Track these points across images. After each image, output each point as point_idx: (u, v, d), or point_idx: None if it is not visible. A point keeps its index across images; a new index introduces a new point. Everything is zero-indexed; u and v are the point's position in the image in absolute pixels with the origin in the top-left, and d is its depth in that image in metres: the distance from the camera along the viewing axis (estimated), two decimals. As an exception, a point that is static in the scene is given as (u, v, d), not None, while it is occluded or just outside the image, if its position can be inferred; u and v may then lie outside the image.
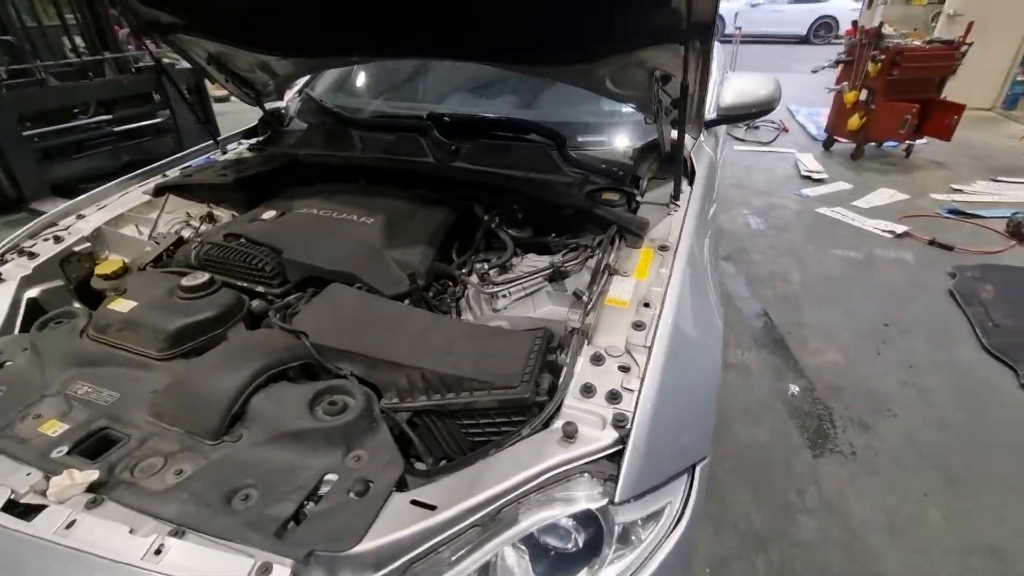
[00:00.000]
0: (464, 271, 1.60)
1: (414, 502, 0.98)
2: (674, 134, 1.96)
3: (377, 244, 1.56)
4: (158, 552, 0.89)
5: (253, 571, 0.86)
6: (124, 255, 1.86)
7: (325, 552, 0.89)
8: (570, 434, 1.03)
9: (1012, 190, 5.27)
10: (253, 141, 2.54)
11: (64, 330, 1.37)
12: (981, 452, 2.35)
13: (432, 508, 0.97)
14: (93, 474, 0.98)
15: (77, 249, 1.81)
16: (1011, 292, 3.41)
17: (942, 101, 5.83)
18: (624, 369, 1.17)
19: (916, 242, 4.29)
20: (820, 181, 5.63)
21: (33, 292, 1.67)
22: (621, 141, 2.13)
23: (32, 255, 1.72)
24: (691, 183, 1.97)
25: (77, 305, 1.53)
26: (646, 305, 1.32)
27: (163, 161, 2.32)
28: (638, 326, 1.26)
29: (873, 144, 6.35)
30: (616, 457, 1.03)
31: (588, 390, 1.12)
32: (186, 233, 1.88)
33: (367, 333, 1.26)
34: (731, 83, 2.25)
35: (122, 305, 1.36)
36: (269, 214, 1.72)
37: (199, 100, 6.38)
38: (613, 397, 1.10)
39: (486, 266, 1.53)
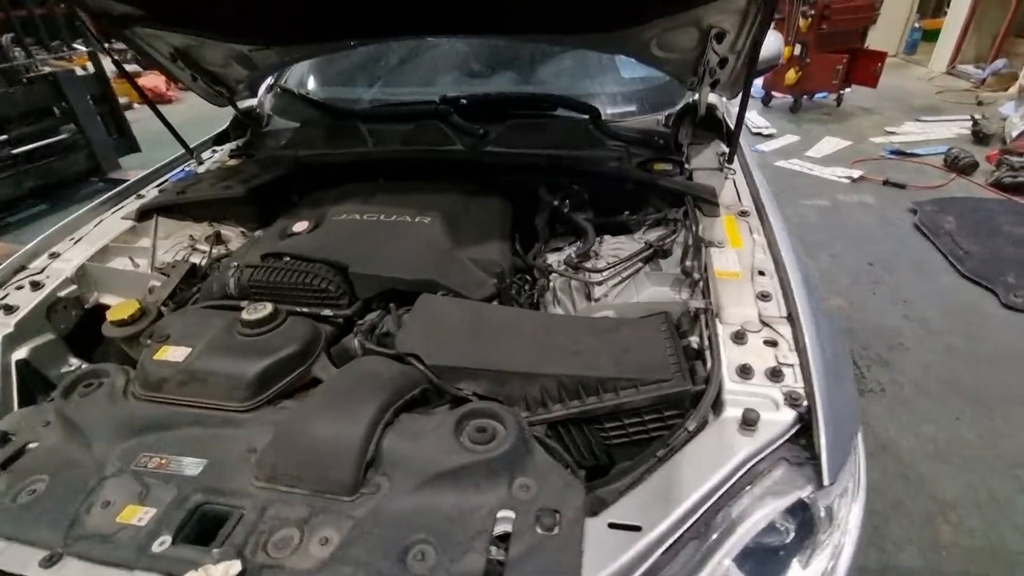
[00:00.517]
0: (547, 262, 1.47)
1: (612, 525, 0.88)
2: (711, 97, 1.92)
3: (446, 245, 1.40)
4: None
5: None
6: (120, 293, 1.58)
7: (548, 601, 0.78)
8: (751, 421, 0.96)
9: (936, 128, 5.74)
10: (231, 146, 2.25)
11: (101, 394, 1.12)
12: (988, 370, 2.54)
13: (637, 529, 0.87)
14: (234, 566, 0.79)
15: (62, 294, 1.51)
16: (969, 221, 3.71)
17: (866, 50, 6.22)
18: (771, 344, 1.11)
19: (871, 184, 4.57)
20: (769, 136, 5.87)
21: (21, 353, 1.38)
22: (648, 109, 2.05)
23: (9, 308, 1.42)
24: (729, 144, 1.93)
25: (107, 365, 1.26)
26: (761, 273, 1.27)
27: (132, 180, 1.99)
28: (764, 297, 1.21)
29: (807, 96, 6.69)
30: (797, 438, 0.97)
31: (746, 371, 1.05)
32: (195, 259, 1.62)
33: (484, 344, 1.12)
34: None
35: (173, 353, 1.13)
36: (301, 226, 1.50)
37: (109, 109, 5.68)
38: (775, 375, 1.04)
39: (573, 254, 1.41)
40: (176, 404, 1.08)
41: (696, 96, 1.91)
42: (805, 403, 0.99)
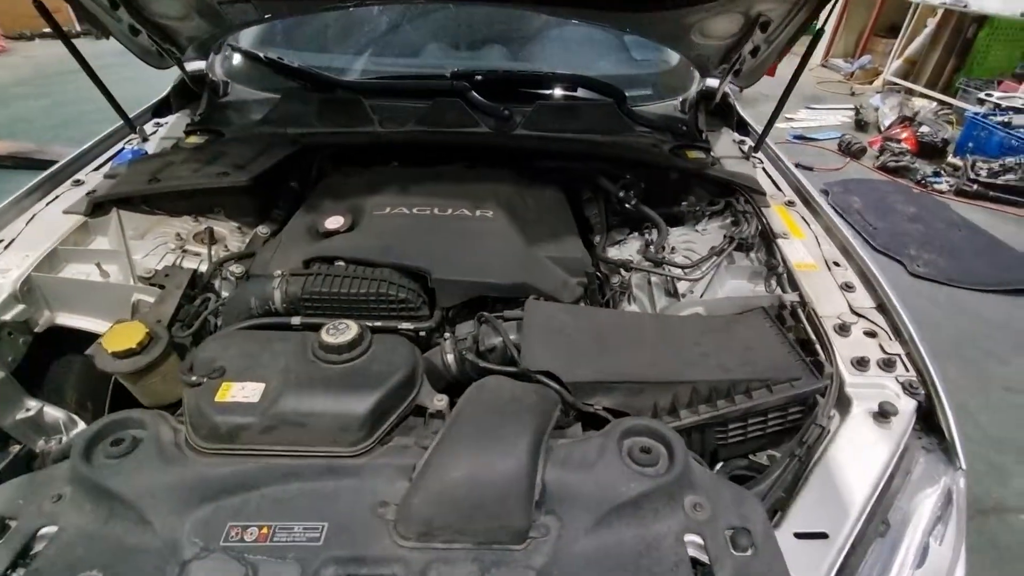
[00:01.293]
0: (619, 257, 1.39)
1: (799, 535, 0.86)
2: (727, 86, 1.94)
3: (520, 242, 1.26)
4: None
5: None
6: (88, 311, 1.24)
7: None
8: (888, 414, 0.99)
9: (825, 115, 6.46)
10: (179, 118, 1.85)
11: (147, 453, 0.85)
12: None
13: (824, 536, 0.86)
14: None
15: (6, 317, 1.15)
16: (871, 200, 4.24)
17: (767, 41, 6.76)
18: (870, 334, 1.15)
19: (785, 166, 5.04)
20: (689, 118, 6.22)
21: None
22: (662, 93, 2.02)
23: (-65, 342, 1.05)
24: (739, 131, 1.98)
25: (134, 413, 0.95)
26: (836, 264, 1.31)
27: (61, 163, 1.56)
28: (848, 287, 1.25)
29: (715, 81, 7.16)
30: (920, 424, 1.02)
31: (862, 363, 1.08)
32: (193, 266, 1.30)
33: (611, 354, 1.03)
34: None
35: (243, 392, 0.89)
36: (336, 222, 1.26)
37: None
38: (888, 365, 1.08)
39: (650, 248, 1.35)
40: (261, 455, 0.87)
41: (708, 82, 1.92)
42: (922, 391, 1.04)
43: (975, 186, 4.44)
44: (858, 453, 0.96)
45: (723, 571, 0.79)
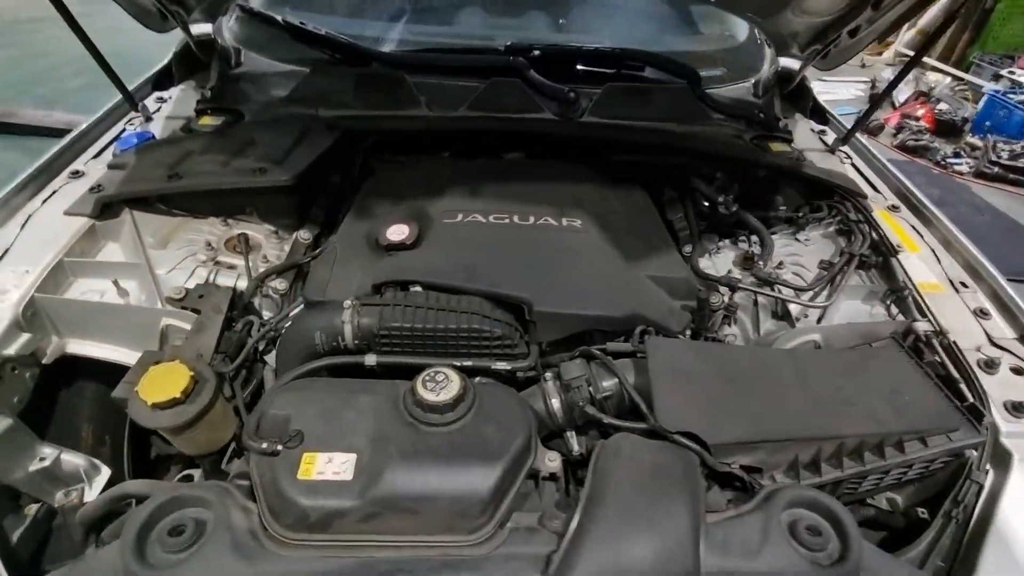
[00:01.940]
0: (722, 272, 1.22)
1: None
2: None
3: (621, 261, 1.09)
4: None
5: None
6: (105, 339, 1.04)
7: None
8: (1058, 472, 0.87)
9: (839, 88, 6.25)
10: (183, 91, 1.60)
11: (217, 547, 0.69)
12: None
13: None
14: None
15: (10, 351, 0.95)
16: (895, 182, 4.12)
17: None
18: (1019, 372, 1.03)
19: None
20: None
21: None
22: (733, 73, 1.82)
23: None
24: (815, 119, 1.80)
25: (196, 489, 0.76)
26: (964, 285, 1.17)
27: (55, 149, 1.31)
28: (983, 314, 1.11)
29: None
30: None
31: (1018, 408, 0.96)
32: (230, 282, 1.10)
33: (749, 405, 0.88)
34: None
35: (329, 465, 0.72)
36: (400, 232, 1.06)
37: None
38: (1043, 408, 0.96)
39: (758, 263, 1.19)
40: (359, 547, 0.71)
41: (783, 62, 1.73)
42: None
43: (995, 168, 4.35)
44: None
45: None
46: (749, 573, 0.71)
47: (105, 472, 1.05)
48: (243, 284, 1.10)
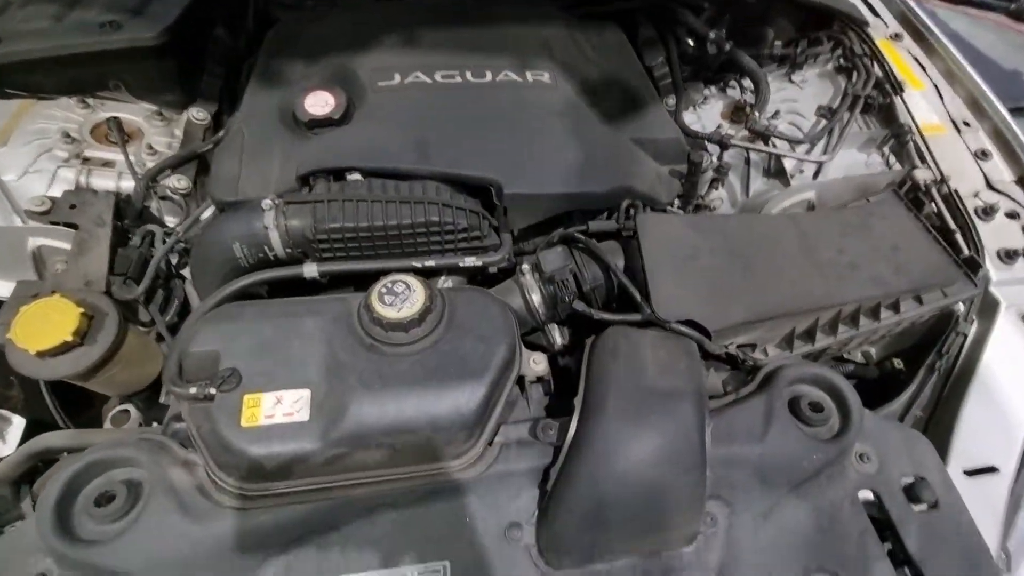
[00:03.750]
0: (710, 126, 1.05)
1: (969, 472, 0.78)
2: None
3: (600, 123, 0.90)
4: None
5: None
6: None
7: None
8: (1048, 315, 0.87)
9: None
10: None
11: (160, 512, 0.58)
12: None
13: (994, 470, 0.78)
14: None
15: None
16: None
17: None
18: (1012, 216, 0.98)
19: None
20: None
21: None
22: None
23: None
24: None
25: (117, 450, 0.62)
26: (966, 124, 1.07)
27: None
28: (984, 155, 1.03)
29: None
30: None
31: (1010, 256, 0.93)
32: (110, 184, 0.86)
33: (752, 281, 0.79)
34: None
35: (278, 407, 0.60)
36: (324, 101, 0.82)
37: None
38: (1036, 253, 0.93)
39: (754, 114, 1.02)
40: (332, 488, 0.62)
41: None
42: None
43: (962, -11, 4.08)
44: (1014, 366, 0.85)
45: (910, 535, 0.69)
46: (755, 459, 0.68)
47: (18, 421, 0.90)
48: (126, 185, 0.86)
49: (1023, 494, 0.78)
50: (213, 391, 0.60)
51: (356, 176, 0.77)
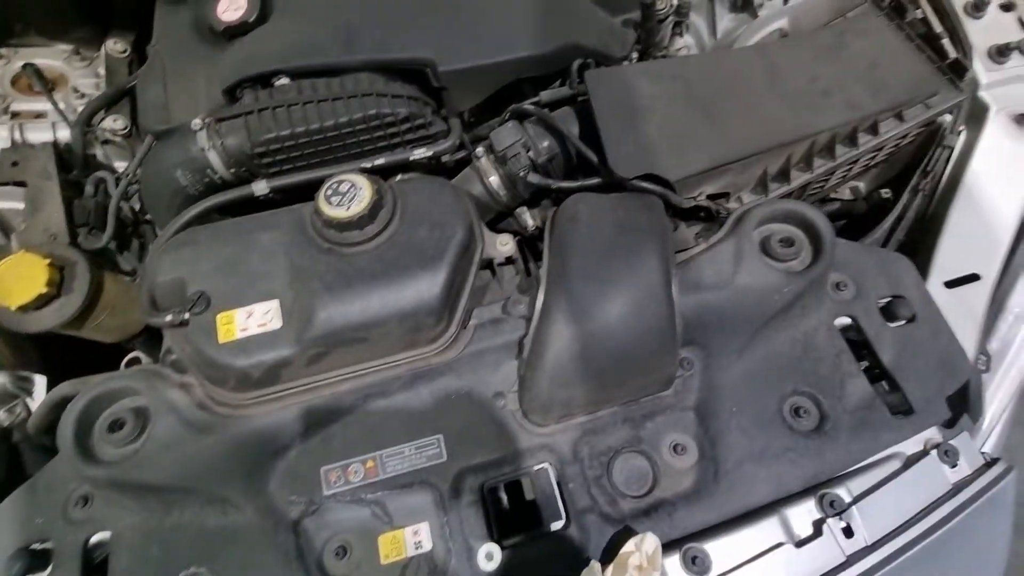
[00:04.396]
0: None
1: (949, 283, 0.78)
2: None
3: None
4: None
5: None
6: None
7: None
8: (1037, 115, 0.81)
9: None
10: None
11: (168, 430, 0.62)
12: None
13: (976, 278, 0.77)
14: (649, 540, 0.58)
15: None
16: None
17: None
18: (1008, 7, 0.89)
19: None
20: None
21: None
22: None
23: None
24: None
25: (115, 379, 0.65)
26: None
27: None
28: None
29: None
30: None
31: (1002, 53, 0.85)
32: (46, 136, 0.83)
33: (715, 123, 0.75)
34: None
35: (252, 321, 0.62)
36: (234, 4, 0.76)
37: None
38: (1032, 48, 0.85)
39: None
40: (321, 386, 0.65)
41: None
42: None
43: None
44: (1001, 170, 0.81)
45: (886, 350, 0.71)
46: (724, 300, 0.69)
47: (40, 380, 0.95)
48: (64, 134, 0.83)
49: (1006, 298, 0.78)
50: (186, 316, 0.62)
51: (284, 80, 0.73)
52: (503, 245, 0.74)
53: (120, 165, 0.88)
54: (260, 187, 0.73)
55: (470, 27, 0.75)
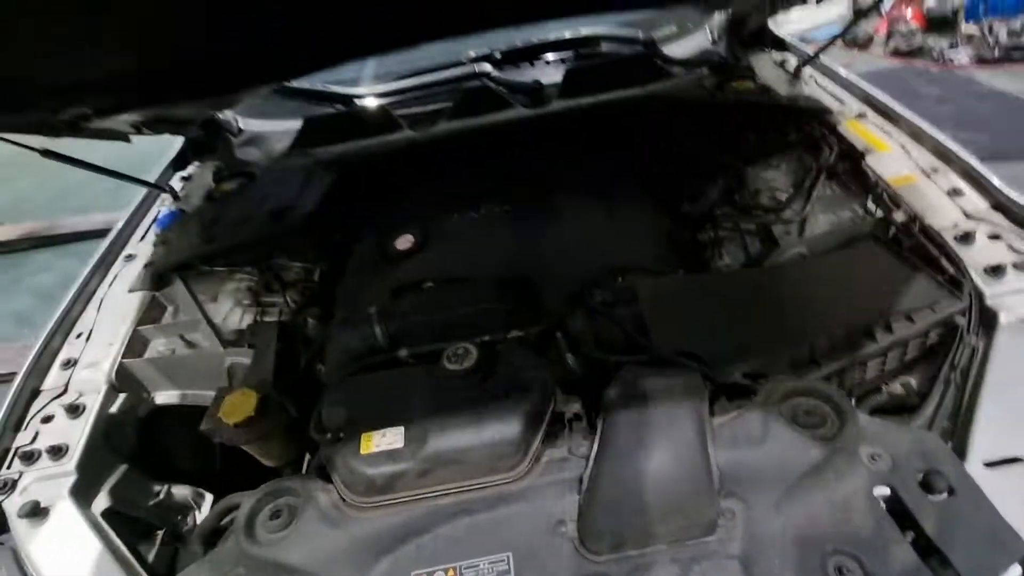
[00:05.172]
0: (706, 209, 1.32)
1: (988, 464, 0.83)
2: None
3: (603, 220, 1.20)
4: None
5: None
6: (185, 385, 1.22)
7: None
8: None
9: (810, 14, 6.15)
10: (197, 169, 1.79)
11: (309, 520, 0.84)
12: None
13: (1017, 460, 0.82)
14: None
15: (113, 410, 1.14)
16: (894, 90, 4.05)
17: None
18: (995, 237, 1.08)
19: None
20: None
21: (103, 502, 1.03)
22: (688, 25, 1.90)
23: (57, 451, 1.03)
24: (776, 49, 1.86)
25: (281, 483, 0.92)
26: (935, 171, 1.23)
27: (107, 241, 1.52)
28: (956, 192, 1.17)
29: None
30: None
31: (997, 271, 1.02)
32: (269, 319, 1.27)
33: (740, 320, 0.98)
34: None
35: (385, 440, 0.87)
36: (405, 240, 1.21)
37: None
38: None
39: (738, 198, 1.28)
40: (422, 500, 0.85)
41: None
42: None
43: (996, 51, 4.21)
44: (1017, 365, 0.91)
45: (928, 519, 0.76)
46: (757, 458, 0.81)
47: (208, 497, 1.23)
48: (287, 318, 1.26)
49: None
50: (340, 435, 0.89)
51: (429, 284, 1.11)
52: (573, 405, 0.96)
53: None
54: (403, 352, 1.05)
55: (551, 250, 1.11)
